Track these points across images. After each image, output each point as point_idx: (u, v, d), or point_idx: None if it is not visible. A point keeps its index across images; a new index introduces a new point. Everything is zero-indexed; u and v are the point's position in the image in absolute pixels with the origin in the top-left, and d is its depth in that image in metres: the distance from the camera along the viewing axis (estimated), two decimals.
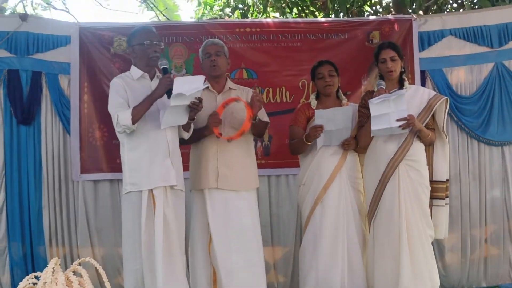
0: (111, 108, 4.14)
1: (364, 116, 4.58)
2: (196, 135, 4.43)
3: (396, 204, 4.36)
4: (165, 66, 4.09)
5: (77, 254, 5.79)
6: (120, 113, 4.00)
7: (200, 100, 4.10)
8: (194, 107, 4.08)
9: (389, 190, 4.40)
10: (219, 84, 4.53)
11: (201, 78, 4.13)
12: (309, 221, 4.62)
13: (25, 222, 5.74)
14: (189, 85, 3.97)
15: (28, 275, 2.42)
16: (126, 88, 4.15)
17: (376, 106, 4.30)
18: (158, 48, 4.25)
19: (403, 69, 4.58)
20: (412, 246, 4.31)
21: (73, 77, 5.86)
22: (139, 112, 3.99)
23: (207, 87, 4.48)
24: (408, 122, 4.28)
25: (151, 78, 4.27)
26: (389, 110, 4.28)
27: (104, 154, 5.88)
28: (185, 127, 4.31)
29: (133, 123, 3.97)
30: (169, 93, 3.96)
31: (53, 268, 2.34)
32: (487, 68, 6.11)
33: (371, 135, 4.45)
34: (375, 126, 4.31)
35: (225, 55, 4.60)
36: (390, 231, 4.36)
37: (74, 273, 2.43)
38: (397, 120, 4.27)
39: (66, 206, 5.87)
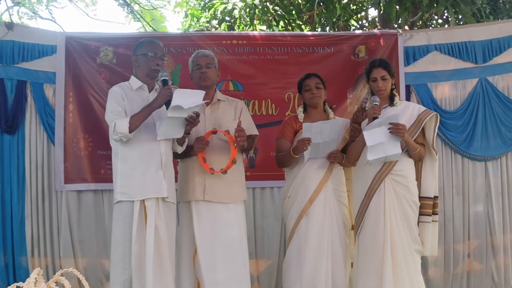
0: (108, 116, 4.13)
1: (356, 131, 4.59)
2: (185, 152, 4.43)
3: (381, 218, 4.35)
4: (165, 78, 4.09)
5: (59, 264, 5.75)
6: (117, 121, 3.99)
7: (197, 114, 4.11)
8: (191, 121, 4.08)
9: (374, 203, 4.39)
10: (208, 95, 4.50)
11: (201, 93, 4.13)
12: (294, 233, 4.61)
13: (7, 232, 5.69)
14: (189, 99, 3.98)
15: (9, 285, 2.40)
16: (124, 97, 4.15)
17: (370, 137, 4.29)
18: (161, 62, 4.26)
19: (393, 86, 4.60)
20: (395, 261, 4.30)
21: (59, 87, 5.84)
22: (137, 121, 3.98)
23: None
24: (398, 127, 4.24)
25: (150, 91, 4.27)
26: (384, 139, 4.28)
27: (89, 164, 5.86)
28: (179, 141, 4.31)
29: (130, 131, 3.96)
30: (168, 104, 3.96)
31: (35, 278, 2.32)
32: (471, 83, 6.17)
33: (367, 164, 4.43)
34: (371, 156, 4.29)
35: (215, 67, 4.61)
36: (374, 245, 4.36)
37: (57, 283, 2.41)
38: (389, 129, 4.26)
39: (49, 216, 5.83)
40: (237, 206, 4.48)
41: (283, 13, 8.74)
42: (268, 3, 8.54)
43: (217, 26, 9.02)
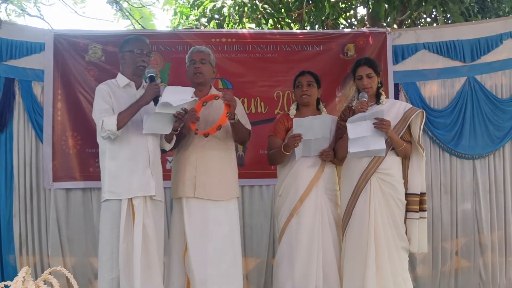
0: (96, 113, 4.12)
1: (343, 129, 4.59)
2: (176, 136, 4.41)
3: (367, 216, 4.37)
4: (152, 74, 4.09)
5: (47, 263, 5.73)
6: (105, 118, 3.98)
7: (186, 111, 4.10)
8: (179, 118, 4.07)
9: (361, 202, 4.41)
10: (202, 92, 4.49)
11: (191, 90, 4.13)
12: (284, 232, 4.61)
13: None
14: (178, 96, 3.98)
15: None
16: (111, 95, 4.13)
17: (353, 129, 4.30)
18: (147, 59, 4.25)
19: (380, 84, 4.61)
20: (379, 259, 4.31)
21: (47, 84, 5.82)
22: (125, 118, 3.98)
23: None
24: (382, 122, 4.27)
25: (137, 88, 4.26)
26: (367, 134, 4.29)
27: (77, 163, 5.83)
28: (167, 138, 4.29)
29: (118, 128, 3.95)
30: (155, 101, 3.97)
31: (23, 277, 2.31)
32: (459, 82, 6.19)
33: (348, 156, 4.46)
34: (352, 148, 4.31)
35: (211, 64, 4.56)
36: (359, 243, 4.37)
37: (45, 282, 2.40)
38: (373, 124, 4.28)
39: (37, 214, 5.81)
40: (229, 203, 4.44)
41: (272, 11, 8.73)
42: (257, 1, 8.53)
43: (206, 24, 9.01)
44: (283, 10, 9.25)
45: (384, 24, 8.43)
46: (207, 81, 4.57)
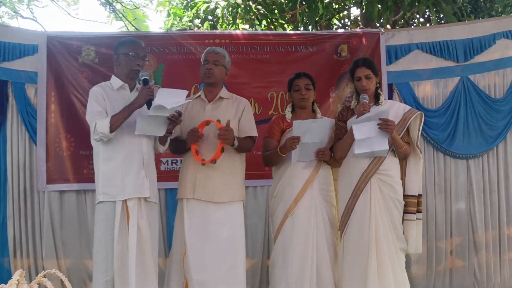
0: (89, 116, 4.10)
1: (341, 129, 4.59)
2: (182, 147, 4.41)
3: (367, 217, 4.36)
4: (146, 77, 4.07)
5: (42, 265, 5.72)
6: (98, 121, 3.97)
7: (179, 114, 4.09)
8: (173, 120, 4.06)
9: (360, 203, 4.40)
10: (212, 93, 4.49)
11: (184, 92, 4.11)
12: (279, 233, 4.59)
13: None
14: (171, 98, 3.96)
15: None
16: (105, 97, 4.11)
17: (359, 131, 4.30)
18: (142, 63, 4.23)
19: (378, 84, 4.62)
20: (380, 260, 4.31)
21: (40, 87, 5.81)
22: (118, 120, 3.96)
23: (199, 96, 4.50)
24: (387, 123, 4.27)
25: (131, 90, 4.25)
26: (371, 135, 4.30)
27: (71, 164, 5.83)
28: (161, 141, 4.29)
29: (111, 131, 3.95)
30: (149, 103, 3.95)
31: (17, 280, 2.31)
32: (453, 82, 6.21)
33: (353, 157, 4.42)
34: (358, 149, 4.31)
35: (225, 66, 4.52)
36: (360, 244, 4.36)
37: (39, 285, 2.40)
38: (378, 125, 4.28)
39: (31, 216, 5.80)
40: (231, 205, 4.38)
41: (265, 12, 8.72)
42: (250, 2, 8.53)
43: (199, 25, 9.00)
44: (276, 11, 9.24)
45: (378, 25, 8.46)
46: (218, 83, 4.53)
